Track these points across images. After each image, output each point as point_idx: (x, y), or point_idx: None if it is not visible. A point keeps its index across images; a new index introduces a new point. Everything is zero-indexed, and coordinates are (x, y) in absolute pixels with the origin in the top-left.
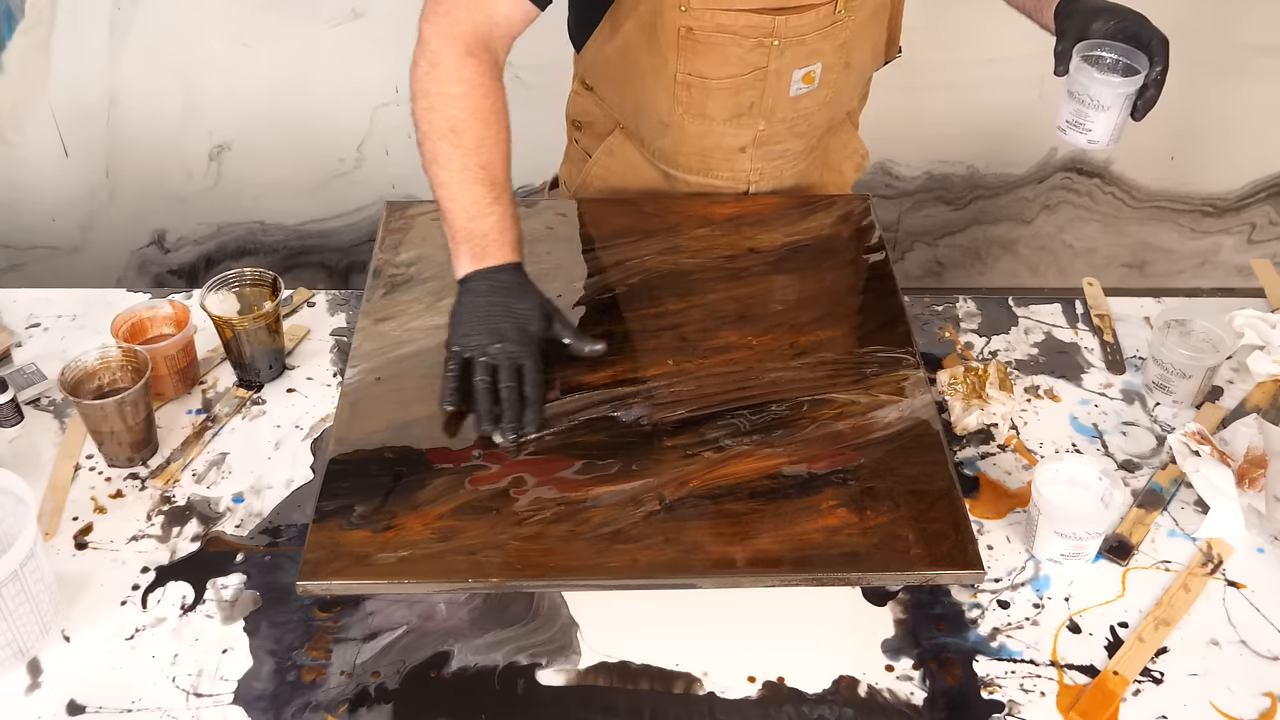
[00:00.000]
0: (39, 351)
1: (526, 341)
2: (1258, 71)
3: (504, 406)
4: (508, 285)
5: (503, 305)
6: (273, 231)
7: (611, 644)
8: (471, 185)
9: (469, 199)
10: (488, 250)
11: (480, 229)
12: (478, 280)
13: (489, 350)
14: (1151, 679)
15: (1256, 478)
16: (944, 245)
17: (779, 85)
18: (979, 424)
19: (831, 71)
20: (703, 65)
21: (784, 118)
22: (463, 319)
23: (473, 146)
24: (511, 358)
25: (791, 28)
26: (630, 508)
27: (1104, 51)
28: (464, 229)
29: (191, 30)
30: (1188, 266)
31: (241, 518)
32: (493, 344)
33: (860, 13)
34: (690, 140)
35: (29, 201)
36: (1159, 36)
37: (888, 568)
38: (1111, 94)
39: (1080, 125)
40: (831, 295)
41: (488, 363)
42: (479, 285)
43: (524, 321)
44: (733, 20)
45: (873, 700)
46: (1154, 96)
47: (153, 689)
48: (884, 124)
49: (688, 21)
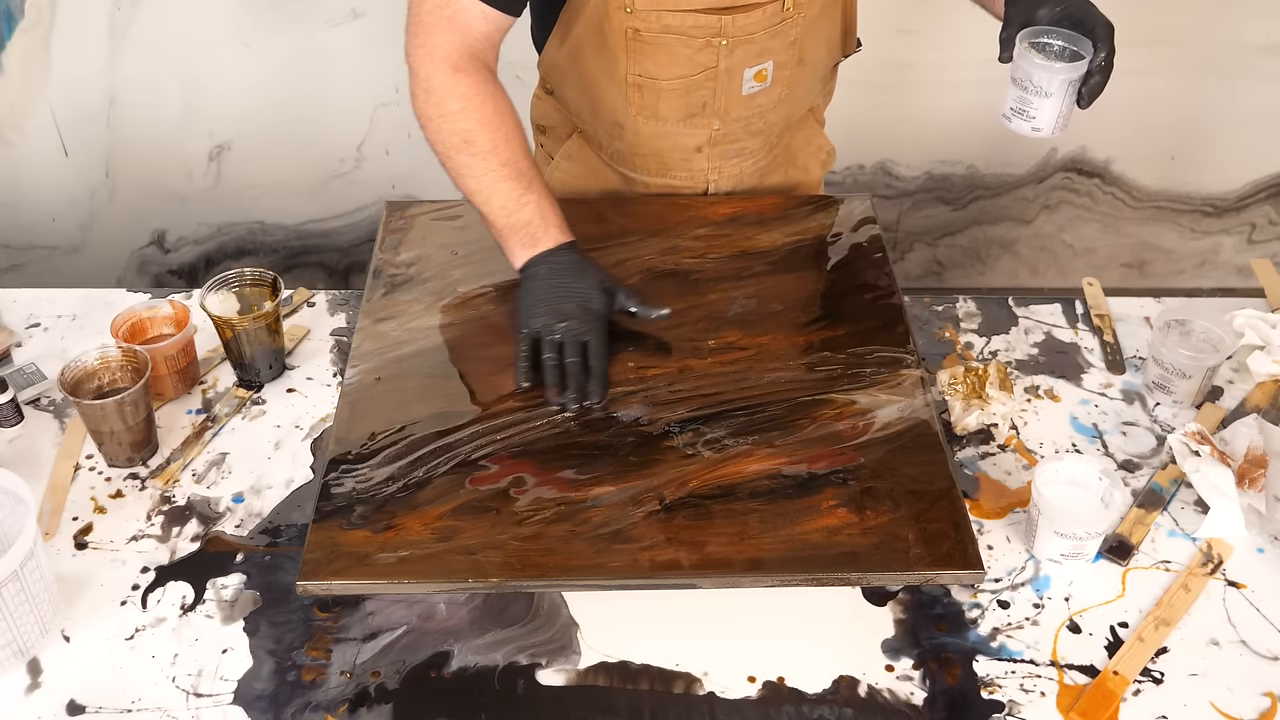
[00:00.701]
0: (39, 351)
1: (590, 318)
2: (1258, 71)
3: (569, 379)
4: (565, 266)
5: (564, 286)
6: (273, 231)
7: (611, 644)
8: (500, 184)
9: (502, 197)
10: (536, 237)
11: (523, 219)
12: (536, 265)
13: (555, 329)
14: (1151, 679)
15: (1256, 478)
16: (944, 245)
17: (731, 84)
18: (979, 424)
19: (785, 69)
20: (652, 66)
21: (738, 116)
22: (528, 303)
23: (489, 149)
24: (576, 334)
25: (739, 27)
26: (630, 508)
27: (1052, 39)
28: (507, 225)
29: (191, 30)
30: (1188, 266)
31: (241, 518)
32: (558, 323)
33: (810, 9)
34: (646, 141)
35: (29, 201)
36: (1104, 22)
37: (888, 568)
38: (1054, 80)
39: (1024, 113)
40: (831, 295)
41: (555, 340)
42: (538, 270)
43: (586, 298)
44: (679, 21)
45: (873, 700)
46: (1099, 83)
47: (153, 689)
48: (884, 124)
49: (634, 23)
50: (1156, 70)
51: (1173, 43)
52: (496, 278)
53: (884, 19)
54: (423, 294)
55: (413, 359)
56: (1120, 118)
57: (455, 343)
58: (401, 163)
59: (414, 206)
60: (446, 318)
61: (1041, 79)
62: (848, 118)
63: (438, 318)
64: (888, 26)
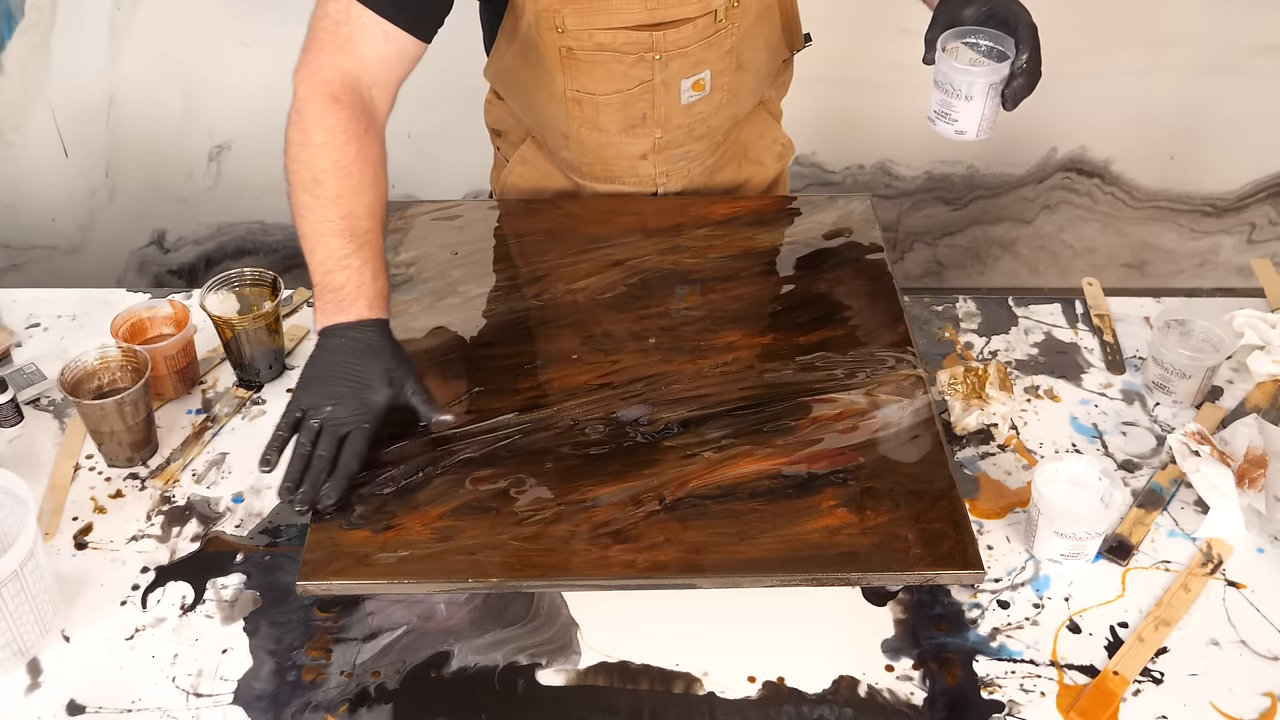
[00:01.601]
0: (39, 351)
1: (362, 408)
2: (1258, 71)
3: (309, 473)
4: (357, 345)
5: (346, 366)
6: (273, 231)
7: (611, 644)
8: (329, 238)
9: (325, 252)
10: (342, 305)
11: (336, 282)
12: (330, 337)
13: (321, 411)
14: (1151, 679)
15: (1256, 478)
16: (944, 245)
17: (668, 95)
18: (979, 424)
19: (723, 76)
20: (588, 82)
21: (680, 124)
22: (306, 374)
23: (332, 197)
24: (338, 424)
25: (671, 41)
26: (630, 508)
27: (979, 39)
28: (321, 283)
29: (191, 30)
30: (1188, 266)
31: (241, 518)
32: (326, 404)
33: (744, 19)
34: (591, 151)
35: (29, 201)
36: (1027, 22)
37: (888, 568)
38: (973, 83)
39: (947, 116)
40: (831, 295)
41: (313, 425)
42: (330, 343)
43: (364, 386)
44: (610, 38)
45: (873, 700)
46: (1022, 86)
47: (153, 689)
48: (884, 124)
49: (566, 42)
50: (1157, 70)
51: (1173, 43)
52: (496, 278)
53: (884, 19)
54: (423, 294)
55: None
56: (1120, 118)
57: (455, 343)
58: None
59: (414, 206)
60: (447, 318)
61: (962, 82)
62: (848, 118)
63: (438, 318)
64: (888, 26)
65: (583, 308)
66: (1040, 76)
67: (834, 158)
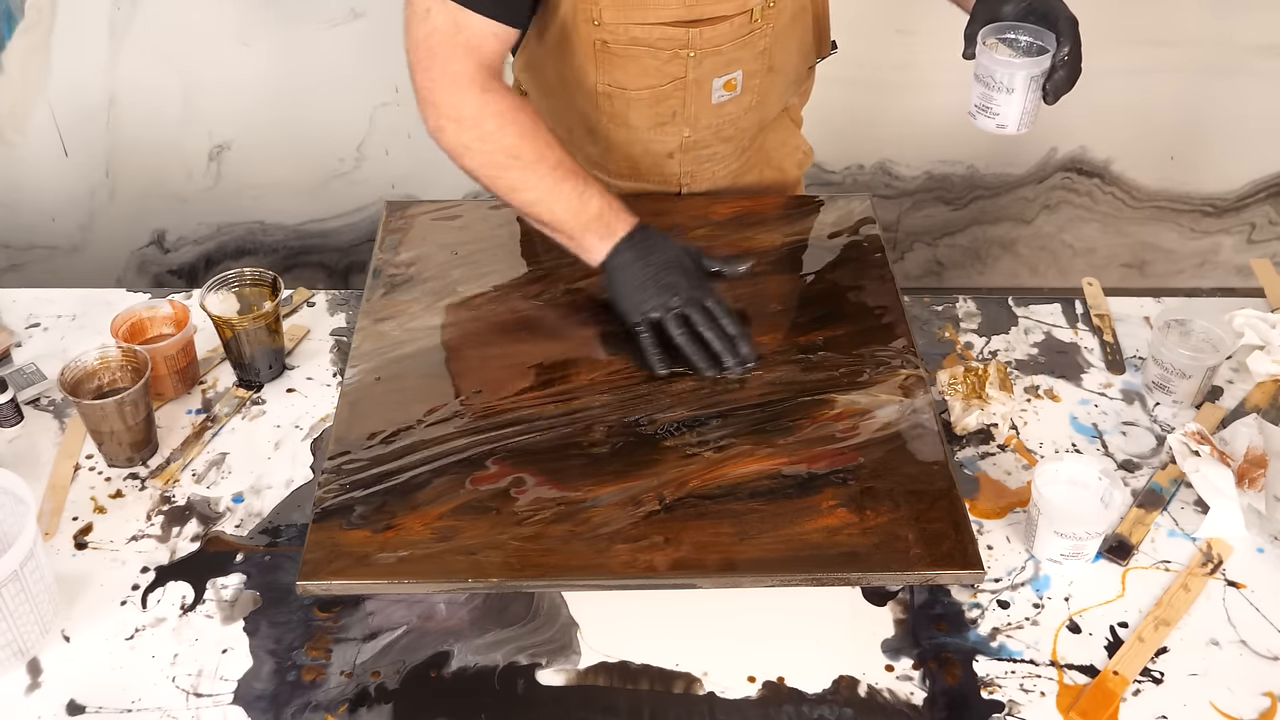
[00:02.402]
0: (39, 351)
1: (697, 283)
2: (1258, 71)
3: (718, 347)
4: (649, 244)
5: (658, 262)
6: (273, 231)
7: (611, 644)
8: (559, 186)
9: (565, 199)
10: (611, 226)
11: (593, 211)
12: (620, 253)
13: (672, 305)
14: (1151, 679)
15: (1256, 478)
16: (944, 245)
17: (700, 94)
18: (979, 424)
19: (754, 77)
20: (621, 77)
21: (709, 124)
22: (629, 290)
23: (536, 158)
24: (696, 303)
25: (706, 39)
26: (630, 508)
27: (1019, 34)
28: (579, 222)
29: (191, 30)
30: (1188, 266)
31: (241, 518)
32: (672, 298)
33: (779, 19)
34: (618, 147)
35: (29, 201)
36: (1067, 16)
37: (888, 568)
38: (1015, 76)
39: (988, 109)
40: (831, 295)
41: (679, 315)
42: (624, 256)
43: (684, 267)
44: (646, 34)
45: (873, 700)
46: (1064, 79)
47: (153, 689)
48: (884, 124)
49: (601, 35)
50: (1156, 70)
51: (1172, 43)
52: (496, 278)
53: (884, 19)
54: (423, 294)
55: (413, 359)
56: (1120, 118)
57: (456, 343)
58: (401, 163)
59: (414, 206)
60: (447, 318)
61: (1003, 75)
62: (847, 118)
63: (438, 318)
64: (888, 26)
65: (583, 308)
66: (1081, 71)
67: (834, 158)
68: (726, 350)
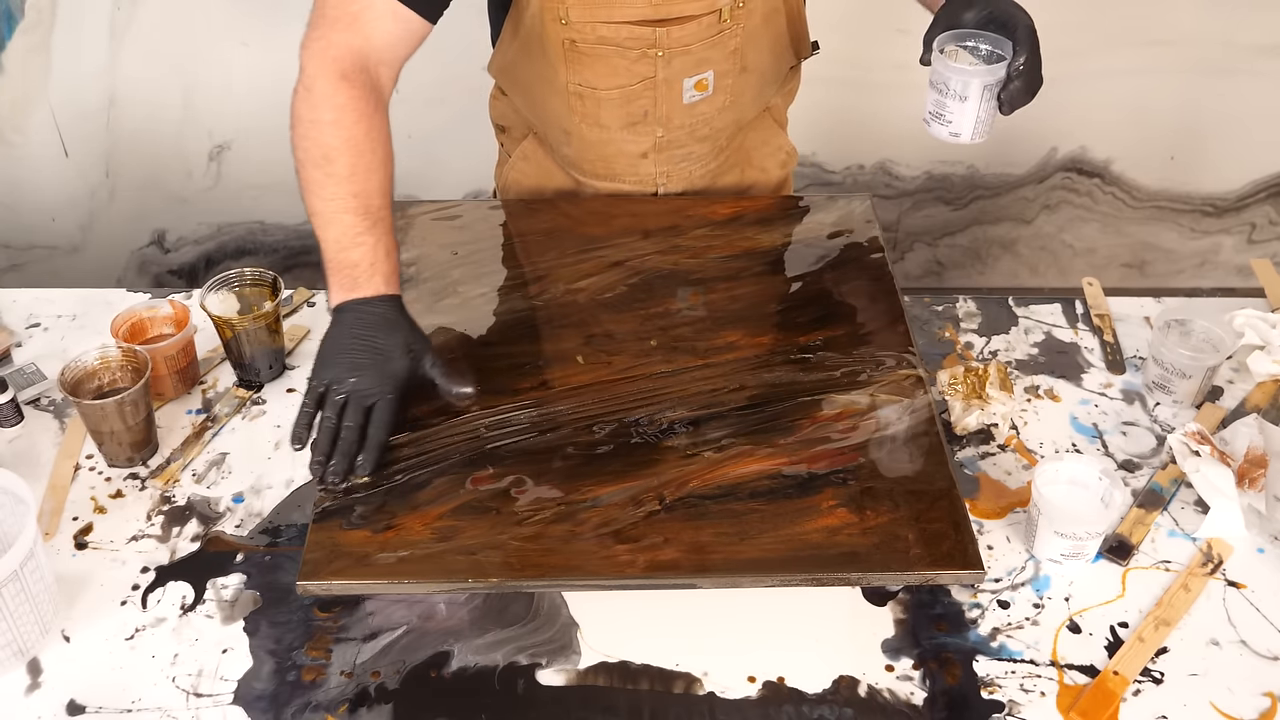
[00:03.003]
0: (39, 351)
1: (384, 380)
2: (1258, 71)
3: (340, 446)
4: (375, 319)
5: (367, 339)
6: (273, 231)
7: (611, 644)
8: (342, 215)
9: (339, 229)
10: (358, 281)
11: (351, 259)
12: (345, 312)
13: (344, 385)
14: (1151, 679)
15: (1256, 478)
16: (944, 245)
17: (670, 94)
18: (979, 424)
19: (726, 77)
20: (590, 76)
21: (682, 124)
22: (325, 351)
23: (345, 175)
24: (362, 395)
25: (674, 39)
26: (630, 508)
27: (980, 43)
28: (334, 259)
29: (191, 30)
30: (1188, 266)
31: (241, 518)
32: (349, 377)
33: (750, 20)
34: (592, 148)
35: (29, 201)
36: (1026, 24)
37: (888, 568)
38: (968, 84)
39: (941, 117)
40: (831, 295)
41: (338, 400)
42: (346, 317)
43: (385, 358)
44: (614, 33)
45: (873, 700)
46: (1020, 89)
47: (153, 689)
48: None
49: (569, 34)
50: (1156, 70)
51: (1173, 43)
52: (497, 278)
53: (884, 19)
54: (423, 294)
55: None
56: (1120, 118)
57: (455, 342)
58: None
59: (414, 206)
60: (447, 318)
61: (957, 83)
62: (847, 118)
63: (437, 318)
64: (888, 26)
65: (583, 308)
66: (1041, 83)
67: (834, 158)
68: (344, 454)
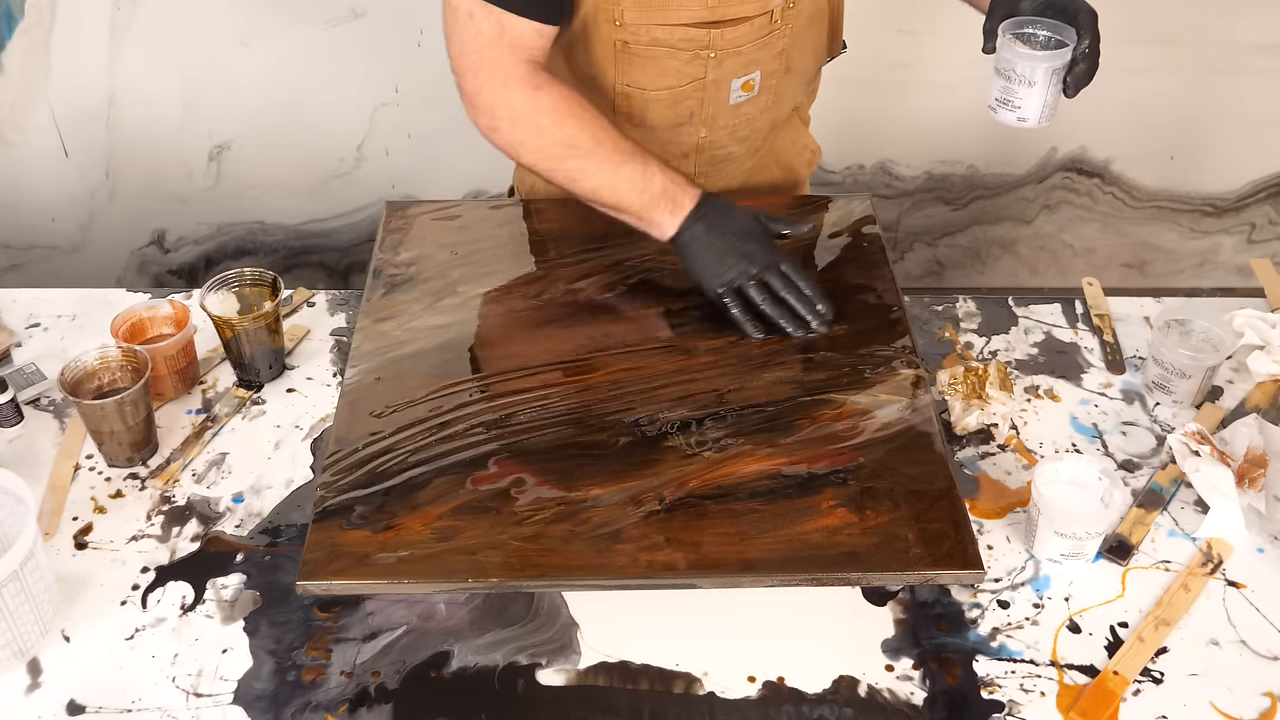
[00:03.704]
0: (39, 351)
1: (769, 248)
2: (1258, 71)
3: (800, 310)
4: (718, 214)
5: (729, 230)
6: (273, 231)
7: (611, 644)
8: (619, 169)
9: (629, 180)
10: (678, 200)
11: (657, 189)
12: (691, 226)
13: (750, 273)
14: (1151, 679)
15: (1256, 478)
16: (944, 245)
17: (718, 95)
18: (979, 424)
19: (772, 78)
20: (640, 77)
21: (725, 125)
22: (706, 262)
23: (593, 145)
24: (773, 268)
25: (727, 40)
26: (630, 508)
27: (1037, 29)
28: (645, 201)
29: (191, 30)
30: (1188, 266)
31: (241, 518)
32: (750, 266)
33: (798, 20)
34: None
35: (29, 201)
36: (1087, 9)
37: (888, 568)
38: (1036, 69)
39: (1009, 103)
40: (831, 295)
41: (760, 282)
42: (696, 229)
43: (755, 234)
44: (668, 35)
45: (873, 700)
46: (1084, 71)
47: (153, 689)
48: (884, 124)
49: (622, 36)
50: (1156, 70)
51: (1173, 42)
52: (496, 278)
53: (884, 19)
54: (423, 294)
55: (413, 359)
56: (1120, 118)
57: (456, 343)
58: (401, 163)
59: (414, 206)
60: (447, 318)
61: (1024, 68)
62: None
63: (438, 318)
64: (888, 26)
65: (583, 308)
66: (1099, 65)
67: (834, 157)
68: (808, 311)
